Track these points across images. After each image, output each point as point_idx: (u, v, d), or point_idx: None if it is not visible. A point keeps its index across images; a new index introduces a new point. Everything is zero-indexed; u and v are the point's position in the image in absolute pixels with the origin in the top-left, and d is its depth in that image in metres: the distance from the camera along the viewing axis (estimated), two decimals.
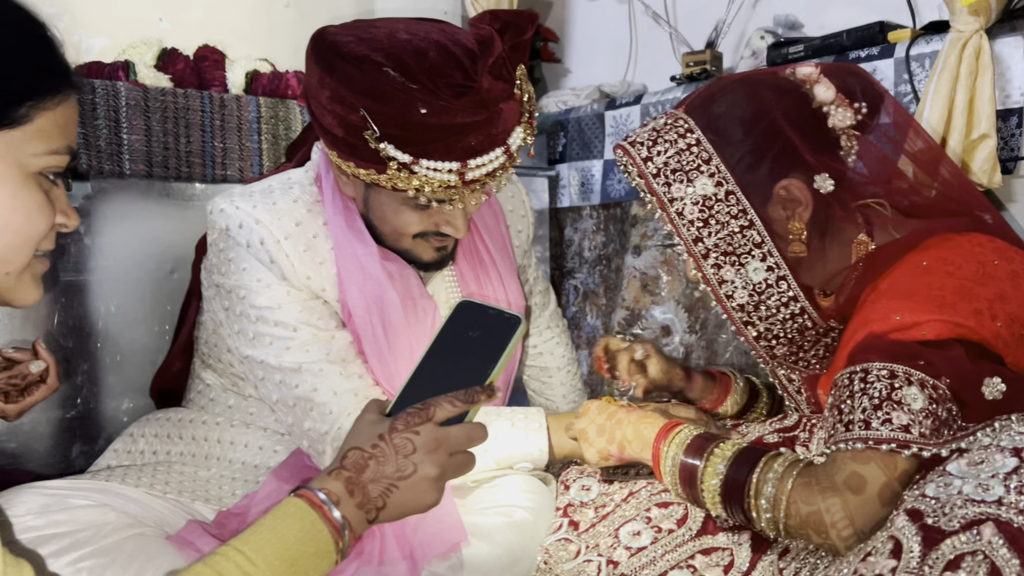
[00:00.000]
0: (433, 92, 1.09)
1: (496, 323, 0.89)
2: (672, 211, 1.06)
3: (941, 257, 0.99)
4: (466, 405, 0.84)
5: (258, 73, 2.03)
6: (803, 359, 1.13)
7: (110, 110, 1.74)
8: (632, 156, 1.08)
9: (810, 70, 1.08)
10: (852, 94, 1.07)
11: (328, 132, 1.16)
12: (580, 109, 2.47)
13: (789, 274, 1.05)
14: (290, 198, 1.28)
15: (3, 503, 1.04)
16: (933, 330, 0.93)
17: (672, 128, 1.08)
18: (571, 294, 2.54)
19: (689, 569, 1.05)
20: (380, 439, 0.83)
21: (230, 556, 0.76)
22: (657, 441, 1.09)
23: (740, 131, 1.05)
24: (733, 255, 1.05)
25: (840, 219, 1.07)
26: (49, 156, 0.80)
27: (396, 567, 1.07)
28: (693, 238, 1.06)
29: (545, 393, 1.73)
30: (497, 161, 1.16)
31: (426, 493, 0.83)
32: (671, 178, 1.06)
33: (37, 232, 0.81)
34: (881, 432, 0.89)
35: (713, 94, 1.10)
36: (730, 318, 1.08)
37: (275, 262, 1.23)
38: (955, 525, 0.73)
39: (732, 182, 1.05)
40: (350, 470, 0.82)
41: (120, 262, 1.78)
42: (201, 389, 1.42)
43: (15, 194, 0.79)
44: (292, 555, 0.77)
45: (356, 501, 0.81)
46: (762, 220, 1.05)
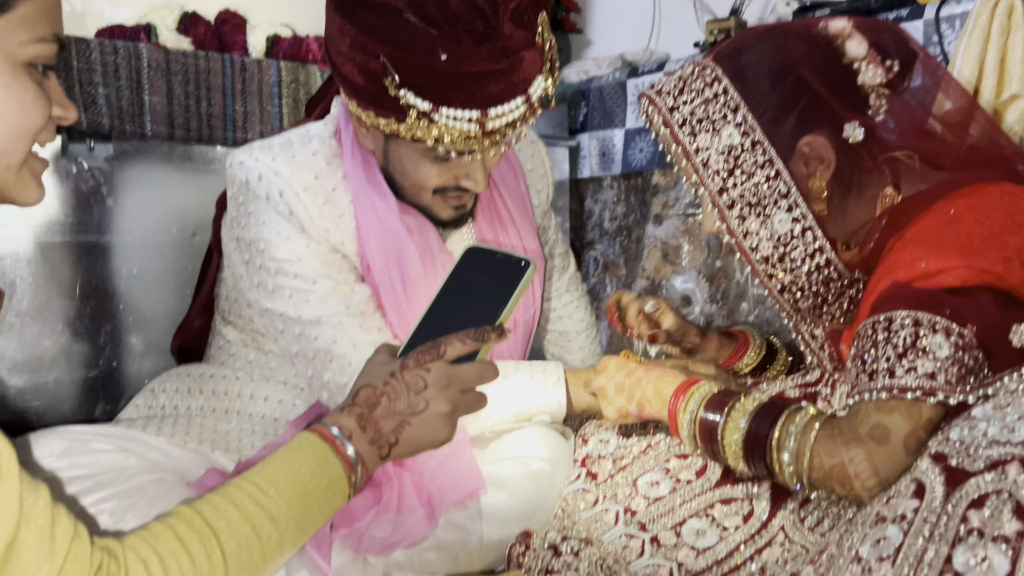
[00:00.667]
0: (454, 39, 1.08)
1: (506, 267, 0.89)
2: (697, 161, 1.05)
3: (970, 205, 0.97)
4: (476, 343, 0.85)
5: (279, 37, 2.03)
6: (827, 312, 1.11)
7: (132, 71, 1.74)
8: (657, 105, 1.07)
9: (843, 24, 1.06)
10: (885, 51, 1.05)
11: (348, 81, 1.16)
12: (601, 78, 2.44)
13: (815, 225, 1.03)
14: (309, 151, 1.28)
15: (26, 447, 1.05)
16: (959, 276, 0.91)
17: (699, 77, 1.06)
18: (591, 265, 2.53)
19: (708, 518, 1.04)
20: (392, 376, 0.83)
21: (243, 487, 0.76)
22: (675, 397, 1.08)
23: (768, 82, 1.04)
24: (758, 206, 1.04)
25: (868, 170, 1.05)
26: (36, 44, 0.78)
27: (414, 514, 1.08)
28: (718, 189, 1.04)
29: (564, 357, 1.73)
30: (518, 111, 1.15)
31: (438, 429, 0.83)
32: (697, 128, 1.05)
33: (33, 124, 0.79)
34: (906, 380, 0.88)
35: (743, 43, 1.08)
36: (754, 271, 1.06)
37: (294, 214, 1.23)
38: (979, 466, 0.71)
39: (759, 132, 1.03)
40: (362, 406, 0.82)
41: (142, 224, 1.79)
42: (221, 345, 1.42)
43: (7, 85, 0.77)
44: (304, 487, 0.78)
45: (368, 436, 0.82)
46: (788, 171, 1.03)
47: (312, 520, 0.79)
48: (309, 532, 0.80)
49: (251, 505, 0.75)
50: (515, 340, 1.44)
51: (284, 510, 0.76)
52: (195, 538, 0.72)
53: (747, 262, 1.06)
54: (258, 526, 0.75)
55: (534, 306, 1.47)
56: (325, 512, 0.80)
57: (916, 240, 0.97)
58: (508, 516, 1.12)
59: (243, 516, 0.74)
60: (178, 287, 1.81)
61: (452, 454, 1.16)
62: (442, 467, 1.15)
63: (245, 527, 0.74)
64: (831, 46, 1.05)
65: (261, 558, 0.75)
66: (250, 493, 0.76)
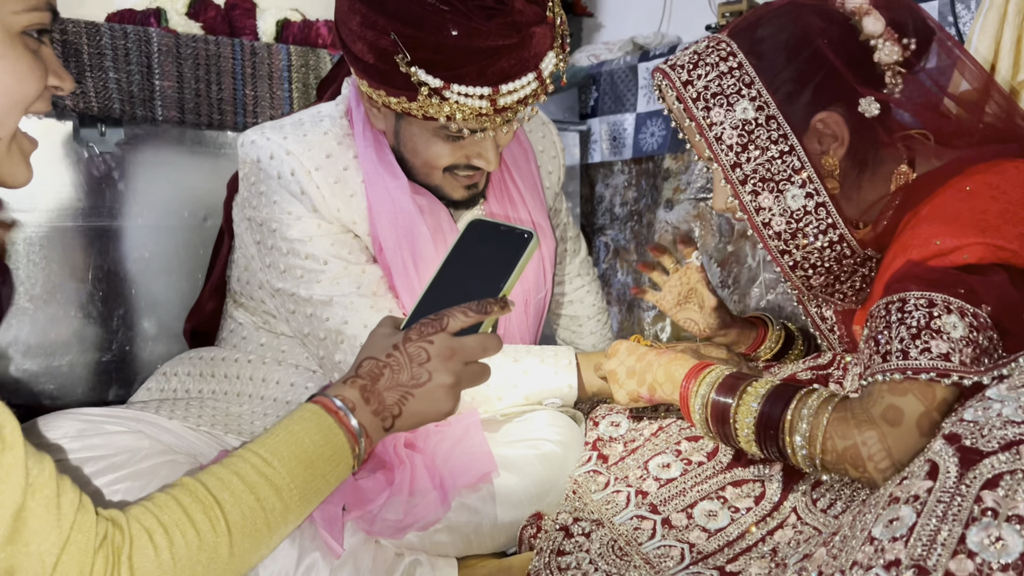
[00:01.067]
0: (465, 14, 1.08)
1: (508, 239, 0.89)
2: (710, 136, 1.04)
3: (986, 182, 0.95)
4: (479, 315, 0.85)
5: (288, 22, 2.03)
6: (839, 291, 1.11)
7: (142, 56, 1.75)
8: (672, 79, 1.06)
9: (860, 1, 1.05)
10: (902, 28, 1.04)
11: (359, 59, 1.15)
12: (612, 62, 2.43)
13: (828, 201, 1.02)
14: (320, 130, 1.28)
15: (41, 428, 1.06)
16: (975, 254, 0.90)
17: (714, 51, 1.05)
18: (602, 250, 2.52)
19: (719, 500, 1.04)
20: (395, 349, 0.83)
21: (247, 458, 0.76)
22: (686, 380, 1.08)
23: (784, 55, 1.03)
24: (772, 181, 1.03)
25: (882, 147, 1.04)
26: (30, 13, 0.78)
27: (426, 497, 1.08)
28: (731, 163, 1.04)
29: (575, 342, 1.73)
30: (529, 87, 1.15)
31: (441, 401, 0.83)
32: (711, 102, 1.04)
33: (28, 93, 0.79)
34: (920, 361, 0.87)
35: (759, 18, 1.07)
36: (766, 247, 1.06)
37: (306, 193, 1.23)
38: (994, 446, 0.71)
39: (773, 107, 1.02)
40: (365, 378, 0.82)
41: (154, 208, 1.79)
42: (233, 328, 1.43)
43: (2, 55, 0.77)
44: (308, 457, 0.78)
45: (372, 408, 0.82)
46: (802, 147, 1.02)
47: (316, 490, 0.79)
48: (314, 502, 0.80)
49: (255, 476, 0.75)
50: (526, 322, 1.43)
51: (288, 481, 0.76)
52: (199, 508, 0.72)
53: (760, 238, 1.05)
54: (262, 497, 0.75)
55: (545, 287, 1.47)
56: (330, 482, 0.80)
57: (931, 217, 0.96)
58: (520, 498, 1.12)
59: (247, 487, 0.75)
60: (190, 271, 1.82)
61: (464, 437, 1.17)
62: (454, 450, 1.15)
63: (249, 497, 0.74)
64: (848, 22, 1.04)
65: (266, 528, 0.75)
66: (254, 464, 0.76)
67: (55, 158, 1.68)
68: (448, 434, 1.18)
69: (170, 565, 0.70)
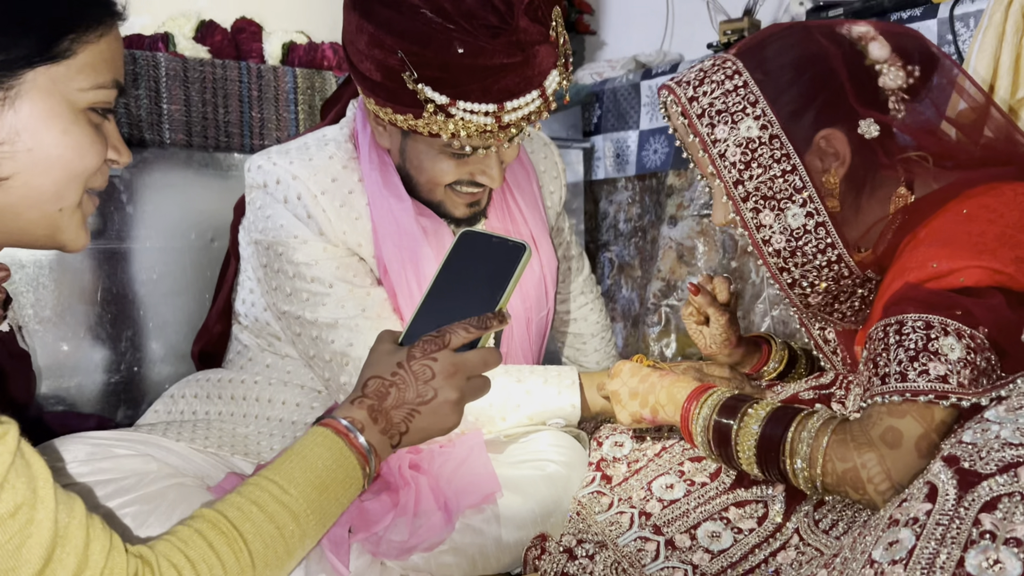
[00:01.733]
0: (471, 33, 1.10)
1: (502, 251, 0.90)
2: (714, 152, 1.05)
3: (983, 204, 0.96)
4: (479, 331, 0.86)
5: (294, 44, 2.05)
6: (838, 311, 1.11)
7: (150, 80, 1.77)
8: (677, 95, 1.07)
9: (866, 28, 1.07)
10: (907, 56, 1.05)
11: (366, 78, 1.17)
12: (615, 79, 2.45)
13: (828, 220, 1.03)
14: (326, 154, 1.29)
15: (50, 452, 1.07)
16: (972, 276, 0.91)
17: (720, 69, 1.07)
18: (606, 266, 2.53)
19: (723, 521, 1.04)
20: (399, 367, 0.85)
21: (264, 486, 0.78)
22: (688, 402, 1.08)
23: (789, 74, 1.04)
24: (773, 199, 1.04)
25: (883, 167, 1.05)
26: (96, 91, 0.81)
27: (431, 518, 1.08)
28: (734, 180, 1.05)
29: (579, 360, 1.73)
30: (533, 104, 1.17)
31: (447, 417, 0.85)
32: (715, 119, 1.05)
33: (88, 167, 0.82)
34: (918, 383, 0.88)
35: (766, 38, 1.08)
36: (765, 264, 1.07)
37: (312, 217, 1.25)
38: (992, 468, 0.71)
39: (777, 126, 1.03)
40: (372, 398, 0.84)
41: (162, 231, 1.81)
42: (239, 350, 1.44)
43: (65, 130, 0.79)
44: (323, 482, 0.79)
45: (380, 427, 0.83)
46: (804, 166, 1.03)
47: (331, 513, 0.81)
48: (328, 524, 0.81)
49: (274, 505, 0.77)
50: (528, 341, 1.44)
51: (304, 507, 0.78)
52: (223, 541, 0.73)
53: (759, 255, 1.06)
54: (281, 524, 0.76)
55: (547, 306, 1.48)
56: (342, 503, 0.82)
57: (929, 240, 0.97)
58: (524, 519, 1.13)
59: (267, 516, 0.76)
60: (197, 292, 1.84)
61: (468, 457, 1.18)
62: (458, 471, 1.16)
63: (270, 527, 0.76)
64: (854, 47, 1.06)
65: (286, 554, 0.77)
66: (272, 492, 0.77)
67: None
68: (452, 455, 1.19)
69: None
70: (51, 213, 0.81)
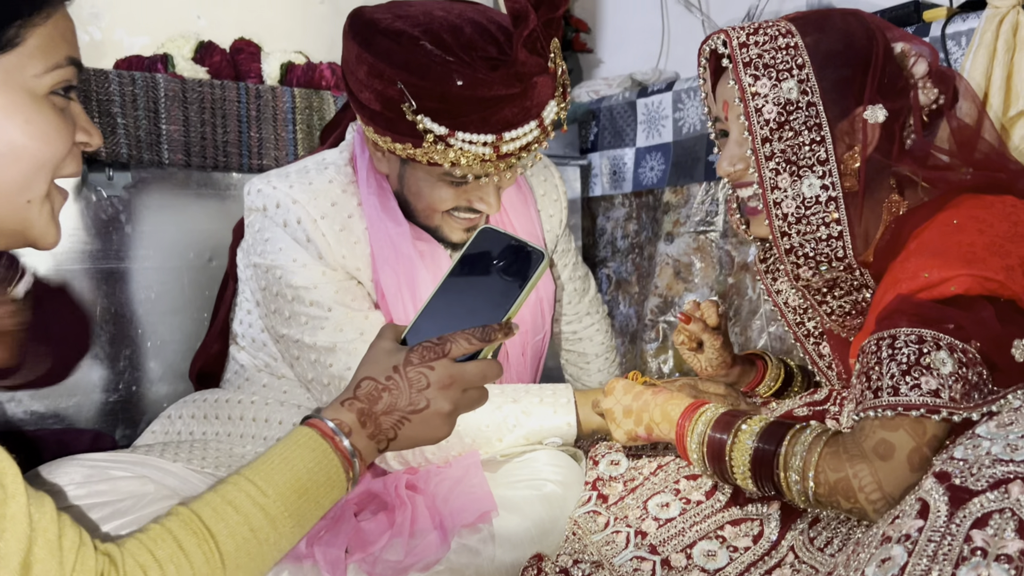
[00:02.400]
0: (470, 65, 1.11)
1: (518, 255, 0.88)
2: (752, 106, 1.05)
3: (973, 215, 0.98)
4: (482, 342, 0.84)
5: (293, 64, 2.07)
6: (827, 303, 1.12)
7: (149, 101, 1.78)
8: (730, 37, 1.06)
9: (907, 46, 1.10)
10: (937, 82, 1.08)
11: (365, 107, 1.18)
12: (612, 97, 2.46)
13: (841, 197, 1.04)
14: (325, 178, 1.30)
15: (47, 475, 1.08)
16: (962, 285, 0.92)
17: (774, 26, 1.07)
18: (604, 283, 2.54)
19: (718, 540, 1.05)
20: (395, 371, 0.83)
21: (241, 486, 0.76)
22: (682, 419, 1.09)
23: (840, 47, 1.05)
24: (795, 165, 1.05)
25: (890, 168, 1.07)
26: (53, 73, 0.77)
27: (427, 537, 1.09)
28: (763, 138, 1.05)
29: (582, 379, 1.73)
30: (531, 134, 1.18)
31: (437, 428, 0.83)
32: (761, 72, 1.05)
33: (56, 155, 0.78)
34: (910, 397, 0.89)
35: (824, 13, 1.10)
36: (769, 224, 1.07)
37: (311, 241, 1.25)
38: (983, 484, 0.72)
39: (816, 94, 1.04)
40: (363, 401, 0.82)
41: (160, 250, 1.82)
42: (236, 370, 1.45)
43: (28, 120, 0.76)
44: (303, 485, 0.77)
45: (368, 432, 0.81)
46: (833, 140, 1.04)
47: (310, 516, 0.79)
48: (306, 527, 0.79)
49: (250, 506, 0.75)
50: (524, 364, 1.45)
51: (282, 510, 0.76)
52: (194, 541, 0.72)
53: (766, 214, 1.07)
54: (256, 527, 0.75)
55: (544, 329, 1.48)
56: (323, 507, 0.80)
57: (920, 251, 0.98)
58: (520, 539, 1.12)
59: (242, 518, 0.74)
60: (195, 312, 1.84)
61: (464, 477, 1.18)
62: (454, 490, 1.16)
63: (244, 529, 0.74)
64: (895, 57, 1.09)
65: (259, 557, 0.75)
66: (249, 493, 0.75)
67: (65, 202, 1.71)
68: (448, 475, 1.20)
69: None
70: (20, 206, 0.78)
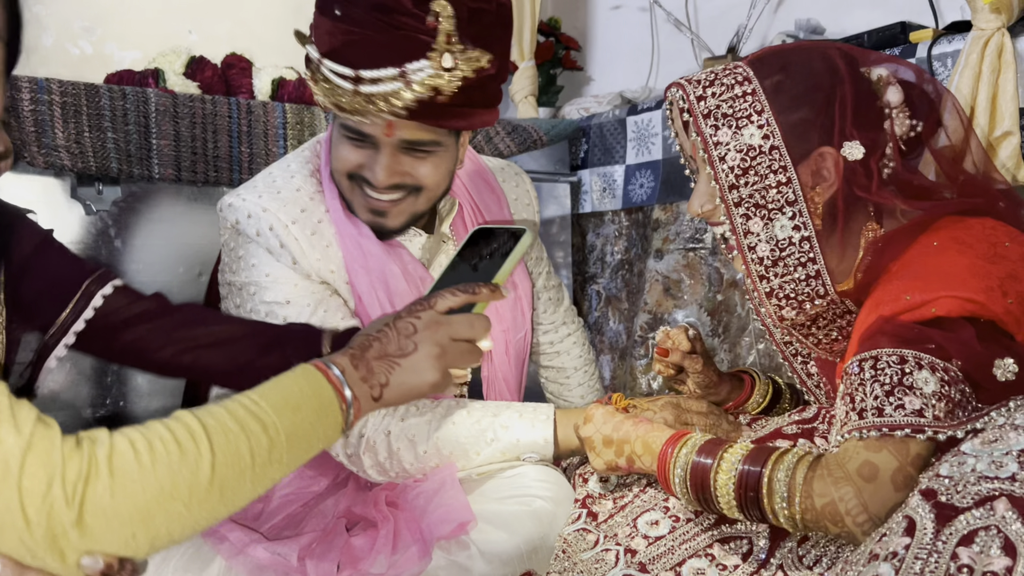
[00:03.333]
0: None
1: (505, 238, 0.97)
2: (715, 154, 1.06)
3: (953, 237, 0.99)
4: (467, 296, 0.90)
5: (284, 80, 2.07)
6: (814, 335, 1.13)
7: (140, 116, 1.78)
8: (686, 92, 1.08)
9: (887, 71, 1.09)
10: (916, 110, 1.08)
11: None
12: (602, 115, 2.48)
13: (814, 236, 1.06)
14: (293, 187, 1.33)
15: None
16: (944, 307, 0.92)
17: (731, 74, 1.08)
18: (594, 299, 2.54)
19: (707, 558, 1.05)
20: (385, 326, 0.89)
21: (236, 398, 0.78)
22: (665, 447, 1.06)
23: (799, 89, 1.06)
24: (764, 208, 1.06)
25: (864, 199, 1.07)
26: None
27: (408, 550, 1.09)
28: (729, 185, 1.06)
29: (563, 395, 1.73)
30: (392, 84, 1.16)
31: (427, 371, 0.87)
32: (720, 122, 1.06)
33: None
34: (895, 418, 0.89)
35: (783, 51, 1.11)
36: (747, 269, 1.08)
37: (285, 247, 1.27)
38: (968, 502, 0.72)
39: (779, 137, 1.05)
40: (355, 348, 0.87)
41: (150, 265, 1.82)
42: None
43: None
44: (296, 402, 0.79)
45: (360, 374, 0.85)
46: (801, 179, 1.05)
47: (304, 437, 0.80)
48: (301, 451, 0.80)
49: (242, 411, 0.76)
50: (508, 363, 1.46)
51: (275, 419, 0.77)
52: (183, 428, 0.73)
53: (742, 260, 1.08)
54: (248, 427, 0.75)
55: (525, 327, 1.49)
56: (317, 431, 0.81)
57: (901, 273, 0.99)
58: (509, 556, 1.12)
59: (233, 418, 0.75)
60: None
61: (440, 489, 1.18)
62: (431, 502, 1.16)
63: (234, 425, 0.75)
64: (870, 83, 1.09)
65: (249, 457, 0.75)
66: (242, 403, 0.78)
67: (53, 216, 1.71)
68: (424, 488, 1.20)
69: (150, 470, 0.70)
70: None
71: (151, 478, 0.69)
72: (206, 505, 0.72)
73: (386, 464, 1.23)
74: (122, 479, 0.68)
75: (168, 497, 0.70)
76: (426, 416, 1.23)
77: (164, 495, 0.70)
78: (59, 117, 1.68)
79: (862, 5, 2.10)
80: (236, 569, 1.07)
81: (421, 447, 1.21)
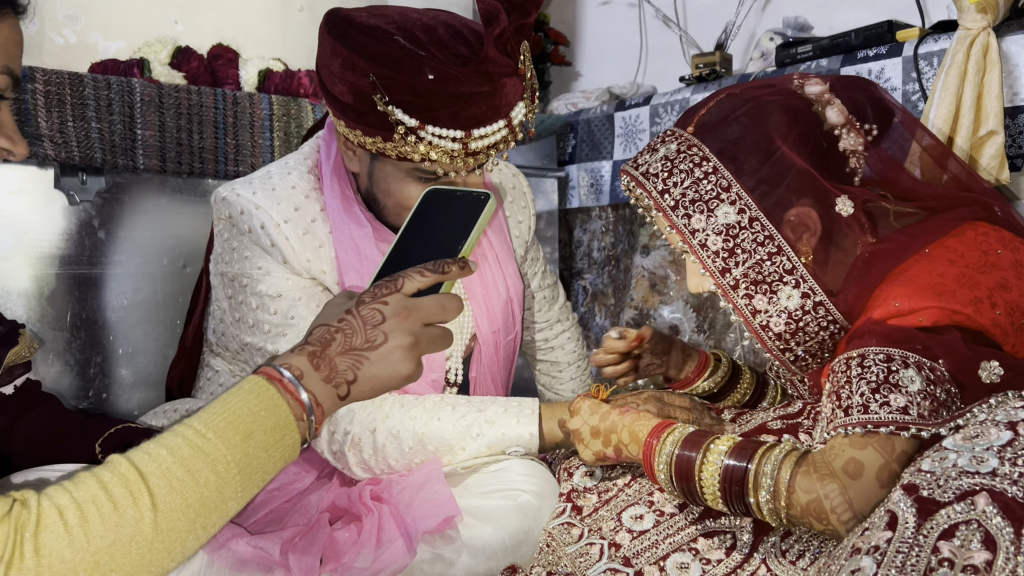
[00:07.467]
0: (441, 60, 1.13)
1: (466, 203, 0.87)
2: (695, 243, 1.02)
3: (945, 244, 0.99)
4: (436, 275, 0.81)
5: (271, 71, 2.06)
6: (823, 359, 1.12)
7: (124, 106, 1.77)
8: (647, 189, 1.05)
9: (820, 88, 1.06)
10: (862, 115, 1.06)
11: (337, 100, 1.19)
12: (590, 110, 2.48)
13: (826, 298, 1.02)
14: (288, 184, 1.32)
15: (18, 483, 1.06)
16: (930, 317, 0.93)
17: (686, 157, 1.04)
18: (580, 295, 2.55)
19: (691, 552, 1.05)
20: (347, 313, 0.79)
21: (179, 432, 0.71)
22: (650, 437, 1.07)
23: (755, 157, 1.02)
24: (764, 283, 1.02)
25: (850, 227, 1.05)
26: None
27: (393, 545, 1.09)
28: (720, 269, 1.02)
29: (555, 388, 1.74)
30: (500, 133, 1.19)
31: (399, 363, 0.79)
32: (691, 209, 1.02)
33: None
34: (880, 415, 0.90)
35: (725, 116, 1.06)
36: (765, 347, 1.04)
37: (276, 245, 1.26)
38: (949, 496, 0.73)
39: (755, 208, 1.01)
40: (315, 344, 0.78)
41: (133, 256, 1.80)
42: (211, 376, 1.44)
43: None
44: (247, 428, 0.72)
45: (322, 375, 0.77)
46: (788, 240, 1.01)
47: (259, 465, 0.73)
48: (256, 478, 0.74)
49: (187, 448, 0.70)
50: (497, 364, 1.46)
51: (224, 452, 0.71)
52: (119, 483, 0.67)
53: (759, 340, 1.04)
54: (194, 469, 0.69)
55: (515, 329, 1.49)
56: (273, 457, 0.75)
57: (891, 279, 0.99)
58: (494, 549, 1.12)
59: (177, 459, 0.69)
60: (168, 319, 1.83)
61: (425, 484, 1.18)
62: (417, 496, 1.16)
63: (179, 470, 0.68)
64: (810, 112, 1.05)
65: (199, 503, 0.69)
66: (186, 436, 0.71)
67: (36, 206, 1.70)
68: (410, 482, 1.20)
69: (83, 543, 0.64)
70: None
71: (83, 554, 0.63)
72: (152, 563, 0.67)
73: (371, 461, 1.23)
74: (49, 559, 0.62)
75: (105, 570, 0.64)
76: (411, 412, 1.23)
77: (100, 569, 0.64)
78: (42, 106, 1.67)
79: (850, 3, 2.11)
80: (218, 563, 1.07)
81: (407, 443, 1.21)
